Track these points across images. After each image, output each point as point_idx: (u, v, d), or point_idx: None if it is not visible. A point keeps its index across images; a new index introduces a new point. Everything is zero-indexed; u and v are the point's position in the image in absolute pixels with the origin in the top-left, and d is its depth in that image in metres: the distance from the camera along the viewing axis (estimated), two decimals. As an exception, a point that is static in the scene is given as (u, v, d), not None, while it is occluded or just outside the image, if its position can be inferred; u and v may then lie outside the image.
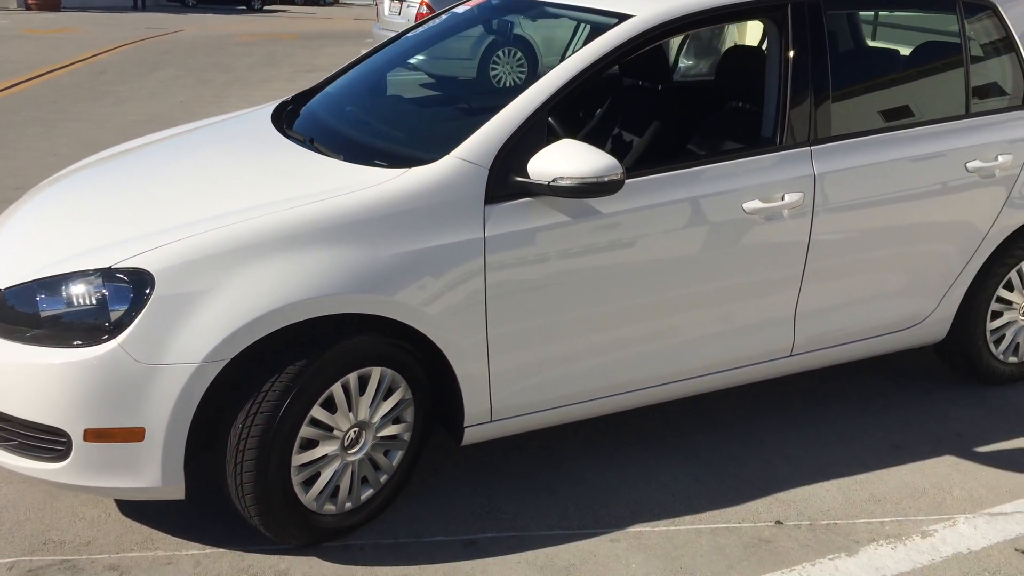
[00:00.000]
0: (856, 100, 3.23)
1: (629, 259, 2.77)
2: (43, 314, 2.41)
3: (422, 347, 2.65)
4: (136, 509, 2.78)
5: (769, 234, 2.97)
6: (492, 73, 9.80)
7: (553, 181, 2.55)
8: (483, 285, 2.60)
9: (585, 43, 3.83)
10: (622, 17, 2.92)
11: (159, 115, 9.25)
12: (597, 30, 2.92)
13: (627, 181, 2.64)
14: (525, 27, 9.22)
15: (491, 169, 2.61)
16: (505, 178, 2.61)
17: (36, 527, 2.70)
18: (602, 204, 2.70)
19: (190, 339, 2.32)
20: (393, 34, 11.15)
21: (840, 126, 3.12)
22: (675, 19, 2.92)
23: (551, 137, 2.70)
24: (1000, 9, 3.52)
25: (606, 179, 2.53)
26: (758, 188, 2.93)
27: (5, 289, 2.48)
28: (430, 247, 2.53)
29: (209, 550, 2.61)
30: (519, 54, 10.06)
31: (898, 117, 3.30)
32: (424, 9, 10.39)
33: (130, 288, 2.35)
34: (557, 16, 3.53)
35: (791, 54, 3.05)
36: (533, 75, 7.96)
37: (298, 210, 2.49)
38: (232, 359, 2.35)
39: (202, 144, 3.28)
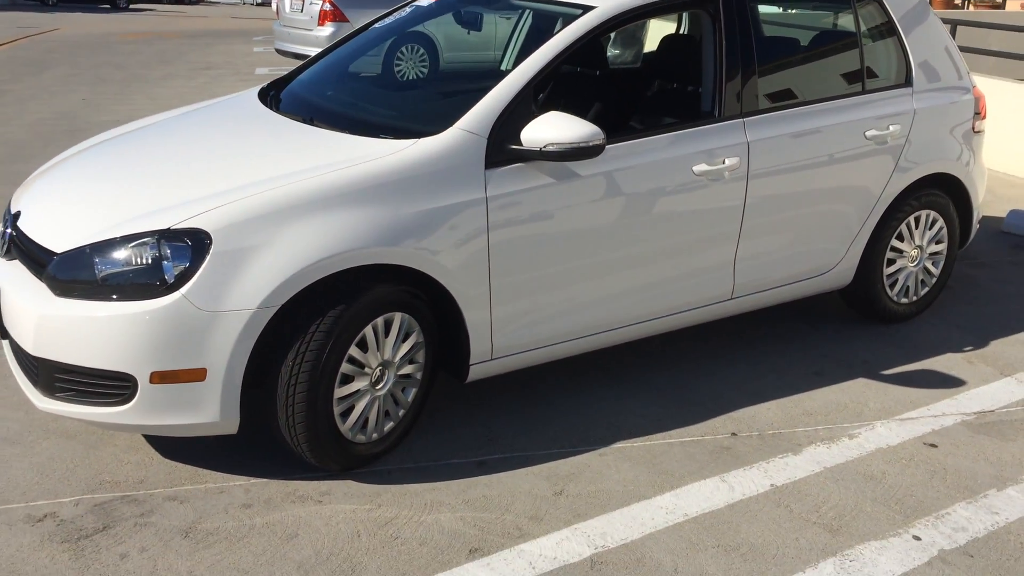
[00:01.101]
0: (775, 79, 3.80)
1: (604, 216, 3.24)
2: (104, 273, 2.69)
3: (432, 296, 3.05)
4: (177, 451, 3.08)
5: (714, 193, 3.49)
6: (396, 68, 10.15)
7: (544, 147, 3.00)
8: (486, 240, 3.01)
9: (527, 34, 4.33)
10: (585, 8, 3.38)
11: (67, 113, 9.22)
12: (564, 19, 3.38)
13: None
14: (428, 26, 9.64)
15: (489, 138, 3.04)
16: (501, 146, 3.04)
17: (87, 472, 2.96)
18: (580, 168, 3.16)
19: (246, 288, 2.66)
20: (294, 31, 11.27)
21: (765, 101, 3.67)
22: (630, 9, 3.41)
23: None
24: None
25: (591, 144, 2.99)
26: (704, 154, 3.45)
27: (64, 252, 2.75)
28: (442, 206, 2.94)
29: (254, 480, 2.94)
30: (421, 50, 10.45)
31: (809, 93, 3.88)
32: (328, 7, 10.61)
33: (189, 246, 2.67)
34: (521, 8, 3.97)
35: (723, 39, 3.58)
36: (435, 69, 8.36)
37: (330, 175, 2.85)
38: (282, 305, 2.70)
39: (206, 123, 3.57)
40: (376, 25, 4.25)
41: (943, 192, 4.30)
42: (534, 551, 2.64)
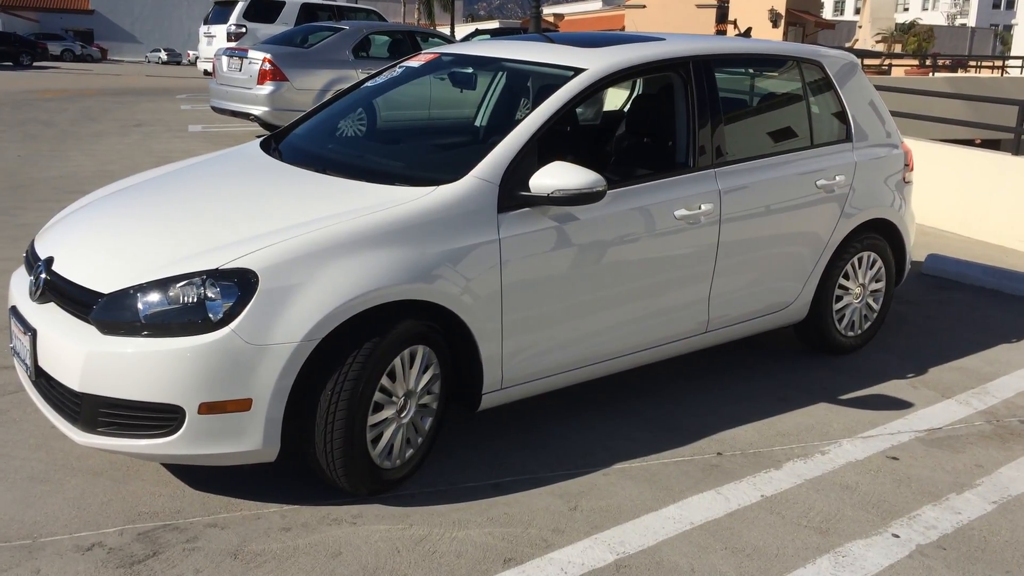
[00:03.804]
0: (738, 134, 4.21)
1: (601, 255, 3.55)
2: (153, 311, 2.86)
3: (446, 330, 3.29)
4: (206, 483, 3.21)
5: (693, 236, 3.85)
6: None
7: (551, 193, 3.30)
8: (500, 278, 3.29)
9: (500, 92, 4.68)
10: (577, 71, 3.73)
11: (5, 169, 9.16)
12: (557, 80, 3.71)
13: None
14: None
15: (500, 185, 3.33)
16: (511, 192, 3.34)
17: (122, 505, 3.08)
18: (581, 212, 3.48)
19: (290, 323, 2.86)
20: (232, 90, 11.40)
21: (731, 154, 4.07)
22: (616, 71, 3.78)
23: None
24: (825, 66, 4.66)
25: (594, 190, 3.31)
26: (683, 199, 3.81)
27: (111, 293, 2.91)
28: (461, 247, 3.20)
29: (287, 506, 3.10)
30: (359, 109, 10.77)
31: (767, 147, 4.32)
32: (268, 67, 10.82)
33: (237, 284, 2.87)
34: (516, 71, 4.31)
35: (695, 99, 3.98)
36: (372, 128, 8.76)
37: (362, 219, 3.09)
38: (323, 338, 2.91)
39: (222, 172, 3.78)
40: (368, 83, 4.53)
41: (881, 235, 4.77)
42: (563, 559, 2.88)
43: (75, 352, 2.89)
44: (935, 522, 3.21)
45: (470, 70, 4.59)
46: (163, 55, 56.77)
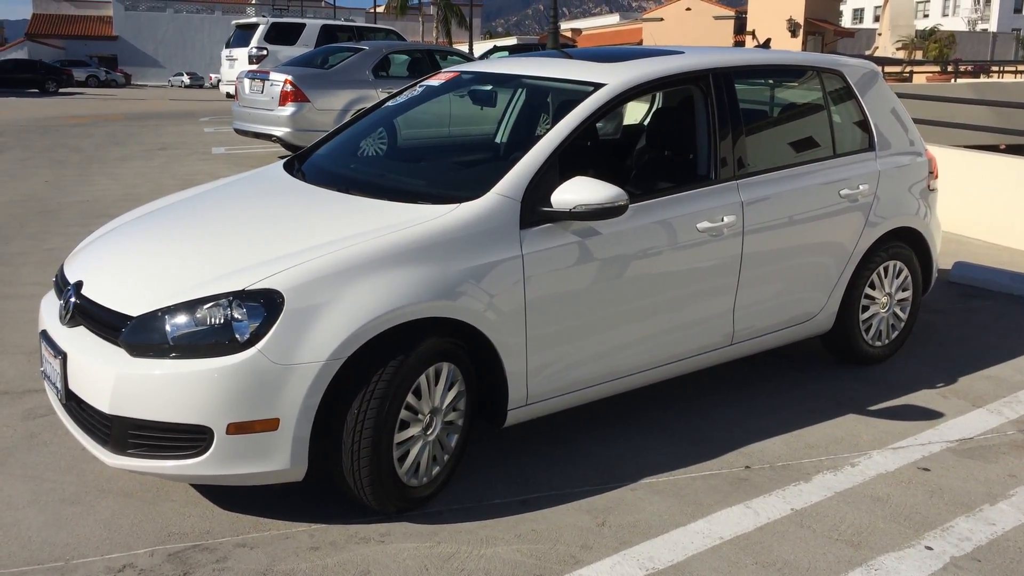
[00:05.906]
0: (760, 146, 4.20)
1: (624, 270, 3.55)
2: (181, 332, 2.89)
3: (471, 347, 3.30)
4: (235, 503, 3.23)
5: (716, 248, 3.84)
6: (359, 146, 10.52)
7: (573, 208, 3.30)
8: (523, 294, 3.29)
9: (520, 108, 4.70)
10: (596, 86, 3.74)
11: (33, 195, 9.28)
12: (577, 96, 3.72)
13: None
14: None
15: (523, 201, 3.34)
16: (533, 208, 3.34)
17: (153, 526, 3.10)
18: (604, 226, 3.48)
19: (316, 343, 2.88)
20: (254, 111, 11.50)
21: (753, 165, 4.06)
22: (636, 86, 3.79)
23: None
24: (846, 75, 4.64)
25: (616, 204, 3.31)
26: (706, 212, 3.80)
27: (140, 316, 2.94)
28: (484, 263, 3.21)
29: (316, 526, 3.11)
30: (380, 128, 10.84)
31: (789, 158, 4.30)
32: (289, 88, 10.92)
33: (263, 305, 2.89)
34: (535, 88, 4.33)
35: (715, 112, 3.97)
36: (394, 146, 8.82)
37: (385, 238, 3.11)
38: (349, 357, 2.93)
39: (247, 194, 3.81)
40: (388, 103, 4.57)
41: (907, 244, 4.74)
42: (592, 575, 2.87)
43: (105, 375, 2.92)
44: (969, 534, 3.17)
45: (490, 87, 4.62)
46: (186, 79, 57.48)
